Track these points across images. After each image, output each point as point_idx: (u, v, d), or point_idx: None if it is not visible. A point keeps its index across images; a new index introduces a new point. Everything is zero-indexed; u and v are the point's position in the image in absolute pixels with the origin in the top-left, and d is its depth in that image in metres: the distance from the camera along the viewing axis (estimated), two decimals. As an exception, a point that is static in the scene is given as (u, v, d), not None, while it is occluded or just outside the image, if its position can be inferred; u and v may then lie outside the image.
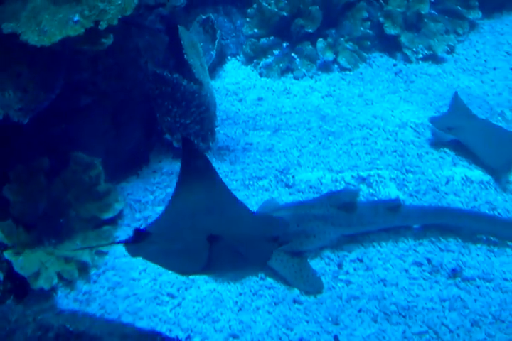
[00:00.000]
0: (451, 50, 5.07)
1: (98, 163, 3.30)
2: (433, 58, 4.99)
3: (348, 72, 4.87)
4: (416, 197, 3.52)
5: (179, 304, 2.82)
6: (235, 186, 3.58)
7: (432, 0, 5.21)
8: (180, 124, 3.82)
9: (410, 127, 4.16)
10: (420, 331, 2.70)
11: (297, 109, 4.43)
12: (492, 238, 3.22)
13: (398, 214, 3.22)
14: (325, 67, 4.91)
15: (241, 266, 2.86)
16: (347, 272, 3.03)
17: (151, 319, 2.72)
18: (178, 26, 4.00)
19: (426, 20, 5.13)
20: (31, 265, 2.69)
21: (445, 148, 3.93)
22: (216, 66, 4.94)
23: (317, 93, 4.64)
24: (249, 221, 2.85)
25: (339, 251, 3.15)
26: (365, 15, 4.99)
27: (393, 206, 3.24)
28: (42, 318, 1.81)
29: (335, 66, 4.93)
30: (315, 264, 3.06)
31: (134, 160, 3.75)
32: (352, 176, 3.68)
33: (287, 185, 3.64)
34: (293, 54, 4.96)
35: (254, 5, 4.98)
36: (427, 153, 3.90)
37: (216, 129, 4.06)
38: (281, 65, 4.91)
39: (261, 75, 4.89)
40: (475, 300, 2.86)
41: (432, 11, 5.24)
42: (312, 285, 2.93)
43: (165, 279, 2.94)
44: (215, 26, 4.90)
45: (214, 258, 2.44)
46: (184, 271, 2.77)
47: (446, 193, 3.55)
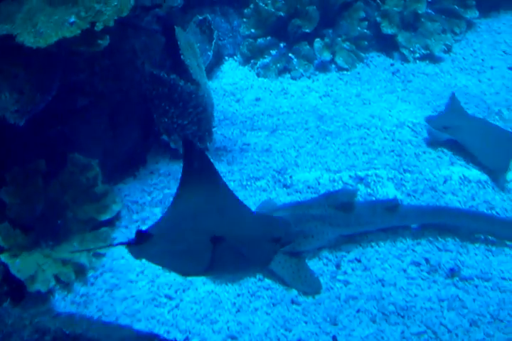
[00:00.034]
0: (448, 50, 5.07)
1: (95, 165, 3.29)
2: (430, 58, 4.99)
3: (346, 72, 4.87)
4: (414, 197, 3.52)
5: (177, 306, 2.81)
6: (233, 187, 3.57)
7: (429, -1, 5.23)
8: (177, 125, 3.81)
9: (408, 127, 4.16)
10: (419, 331, 2.70)
11: (295, 109, 4.43)
12: (490, 237, 3.22)
13: (396, 213, 3.22)
14: (322, 67, 4.91)
15: (243, 267, 2.85)
16: (345, 272, 3.02)
17: (149, 321, 2.71)
18: (175, 27, 3.99)
19: (423, 19, 5.13)
20: (28, 267, 2.68)
21: (443, 148, 3.92)
22: (213, 66, 4.93)
23: (314, 93, 4.64)
24: (251, 222, 2.84)
25: (337, 252, 3.14)
26: (362, 15, 4.99)
27: (391, 206, 3.24)
28: (39, 321, 1.80)
29: (332, 66, 4.92)
30: (313, 265, 3.05)
31: (131, 161, 3.74)
32: (350, 176, 3.68)
33: (285, 186, 3.64)
34: (290, 54, 4.95)
35: (251, 5, 4.98)
36: (425, 153, 3.90)
37: (213, 130, 4.06)
38: (278, 65, 4.91)
39: (258, 75, 4.89)
40: (473, 299, 2.86)
41: (429, 11, 5.25)
42: (310, 285, 2.92)
43: (162, 281, 2.92)
44: (212, 27, 4.90)
45: (217, 259, 2.43)
46: (187, 272, 2.77)
47: (444, 193, 3.54)
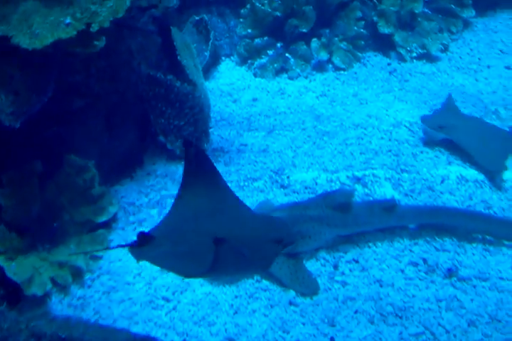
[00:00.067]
0: (445, 49, 5.07)
1: (92, 166, 3.27)
2: (427, 57, 4.98)
3: (343, 72, 4.86)
4: (411, 197, 3.52)
5: (174, 308, 2.80)
6: (230, 188, 3.56)
7: (426, -2, 5.23)
8: (174, 126, 3.80)
9: (405, 126, 4.16)
10: (417, 332, 2.70)
11: (292, 110, 4.42)
12: (488, 237, 3.22)
13: (393, 214, 3.21)
14: (319, 67, 4.90)
15: (245, 269, 2.84)
16: (343, 273, 3.02)
17: (146, 323, 2.69)
18: (171, 27, 3.98)
19: (419, 19, 5.13)
20: (24, 271, 2.66)
21: (440, 147, 3.92)
22: (210, 67, 4.92)
23: (311, 93, 4.63)
24: (252, 223, 2.83)
25: (335, 252, 3.14)
26: (358, 14, 4.98)
27: (388, 206, 3.23)
28: (35, 325, 1.79)
29: (329, 66, 4.92)
30: (311, 265, 3.05)
31: (128, 162, 3.73)
32: (347, 176, 3.67)
33: (282, 186, 3.63)
34: (287, 54, 4.94)
35: (247, 5, 4.97)
36: (422, 152, 3.90)
37: (210, 130, 4.04)
38: (275, 65, 4.90)
39: (255, 76, 4.88)
40: (471, 299, 2.85)
41: (426, 10, 5.24)
42: (308, 286, 2.92)
43: (160, 283, 2.92)
44: (209, 27, 4.89)
45: (219, 261, 2.42)
46: (189, 274, 2.76)
47: (441, 192, 3.54)
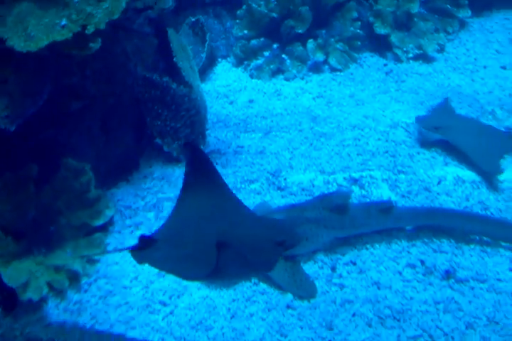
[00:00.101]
0: (441, 49, 5.07)
1: (88, 169, 3.25)
2: (423, 57, 4.98)
3: (339, 73, 4.86)
4: (408, 198, 3.51)
5: (171, 312, 2.78)
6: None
7: (422, -1, 5.23)
8: (170, 128, 3.78)
9: (401, 127, 4.15)
10: (415, 335, 2.68)
11: (288, 111, 4.41)
12: (485, 238, 3.21)
13: (391, 215, 3.21)
14: (315, 68, 4.90)
15: (247, 272, 2.82)
16: (340, 275, 3.01)
17: (143, 328, 2.67)
18: (167, 29, 3.97)
19: (416, 19, 5.13)
20: (20, 275, 2.64)
21: (436, 148, 3.92)
22: (206, 68, 4.91)
23: (308, 94, 4.62)
24: (254, 225, 2.82)
25: (332, 254, 3.13)
26: (354, 15, 4.98)
27: (385, 207, 3.23)
28: (30, 332, 1.78)
29: (325, 67, 4.91)
30: (308, 268, 3.04)
31: (124, 165, 3.71)
32: (344, 178, 3.67)
33: (279, 188, 3.62)
34: (283, 55, 4.93)
35: (243, 6, 4.96)
36: (419, 153, 3.89)
37: (207, 132, 4.03)
38: (271, 67, 4.89)
39: (252, 77, 4.87)
40: (469, 301, 2.85)
41: (422, 10, 5.25)
42: (306, 289, 2.90)
43: (157, 287, 2.90)
44: (205, 28, 4.88)
45: (221, 264, 2.41)
46: (191, 277, 2.74)
47: (438, 193, 3.53)
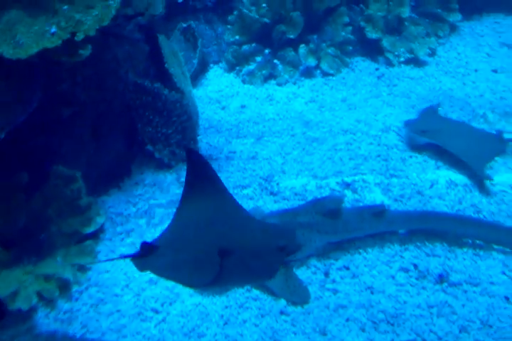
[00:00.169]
0: (432, 53, 5.09)
1: (79, 177, 3.24)
2: (415, 61, 5.00)
3: (331, 77, 4.87)
4: (401, 202, 3.51)
5: (164, 319, 2.76)
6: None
7: (413, 3, 5.25)
8: (161, 134, 3.77)
9: (393, 131, 4.16)
10: (409, 339, 2.67)
11: (280, 116, 4.42)
12: (478, 241, 3.21)
13: (383, 219, 3.20)
14: (307, 73, 4.91)
15: (250, 279, 2.79)
16: (334, 280, 2.99)
17: (135, 336, 2.65)
18: (158, 35, 3.97)
19: (407, 23, 5.15)
20: (9, 285, 2.61)
21: (428, 152, 3.92)
22: (198, 74, 4.91)
23: (300, 99, 4.63)
24: (255, 230, 2.80)
25: (325, 259, 3.12)
26: (346, 20, 5.00)
27: (378, 211, 3.22)
28: (17, 342, 1.75)
29: (317, 71, 4.92)
30: (301, 273, 3.02)
31: (116, 171, 3.69)
32: (337, 182, 3.66)
33: (272, 193, 3.61)
34: (275, 60, 4.94)
35: (235, 12, 4.97)
36: (411, 157, 3.90)
37: (199, 138, 4.03)
38: (263, 72, 4.89)
39: (244, 82, 4.88)
40: (462, 305, 2.84)
41: (413, 15, 5.27)
42: (299, 295, 2.89)
43: (148, 294, 2.88)
44: (196, 34, 4.88)
45: (224, 271, 2.39)
46: (193, 284, 2.71)
47: (430, 197, 3.53)
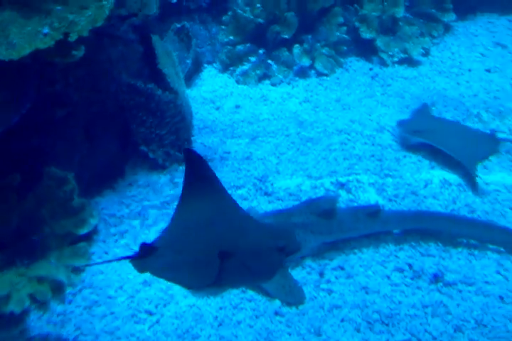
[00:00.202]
0: (426, 53, 5.11)
1: (71, 178, 3.21)
2: (409, 61, 5.01)
3: (325, 77, 4.87)
4: (395, 202, 3.51)
5: (158, 321, 2.74)
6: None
7: (407, 3, 5.26)
8: (155, 135, 3.76)
9: (388, 131, 4.16)
10: (403, 339, 2.66)
11: (275, 116, 4.41)
12: (472, 241, 3.22)
13: (378, 219, 3.20)
14: (302, 73, 4.90)
15: (250, 279, 2.79)
16: (328, 281, 2.99)
17: (129, 338, 2.63)
18: (152, 35, 3.95)
19: (401, 23, 5.16)
20: (1, 288, 2.59)
21: (422, 151, 3.93)
22: (192, 74, 4.90)
23: (294, 99, 4.62)
24: (255, 231, 2.79)
25: (320, 260, 3.11)
26: (340, 20, 5.00)
27: (373, 211, 3.22)
28: (9, 345, 1.73)
29: (312, 71, 4.92)
30: (296, 274, 3.01)
31: (109, 172, 3.67)
32: (331, 182, 3.66)
33: (266, 193, 3.60)
34: (269, 60, 4.94)
35: (229, 12, 4.97)
36: (405, 157, 3.90)
37: (193, 138, 4.01)
38: (258, 72, 4.89)
39: (238, 83, 4.87)
40: (457, 305, 2.84)
41: (407, 15, 5.28)
42: (294, 295, 2.88)
43: (142, 296, 2.86)
44: (190, 34, 4.87)
45: (224, 273, 2.38)
46: (193, 286, 2.70)
47: (425, 197, 3.54)
